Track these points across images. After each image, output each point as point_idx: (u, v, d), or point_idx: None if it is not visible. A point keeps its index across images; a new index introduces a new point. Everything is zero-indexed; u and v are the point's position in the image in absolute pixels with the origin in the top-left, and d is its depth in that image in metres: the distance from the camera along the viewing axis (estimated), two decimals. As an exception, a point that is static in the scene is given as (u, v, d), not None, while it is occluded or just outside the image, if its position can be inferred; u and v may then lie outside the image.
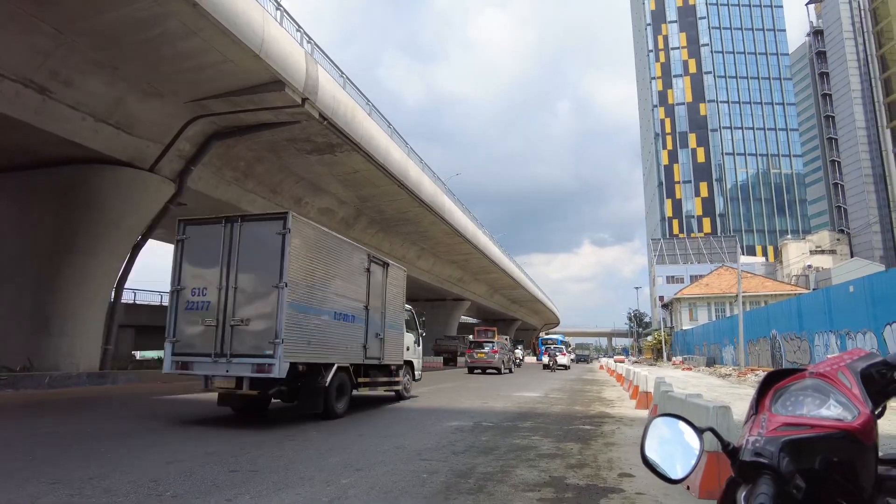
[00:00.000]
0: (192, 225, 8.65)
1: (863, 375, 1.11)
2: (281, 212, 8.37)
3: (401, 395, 12.58)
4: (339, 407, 9.40)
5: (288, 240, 7.97)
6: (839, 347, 19.21)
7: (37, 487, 4.35)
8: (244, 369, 7.93)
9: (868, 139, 77.11)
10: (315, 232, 9.05)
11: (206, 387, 8.54)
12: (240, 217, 8.47)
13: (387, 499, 4.24)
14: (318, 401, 8.84)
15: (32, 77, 11.75)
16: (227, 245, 8.28)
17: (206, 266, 8.39)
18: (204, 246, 8.46)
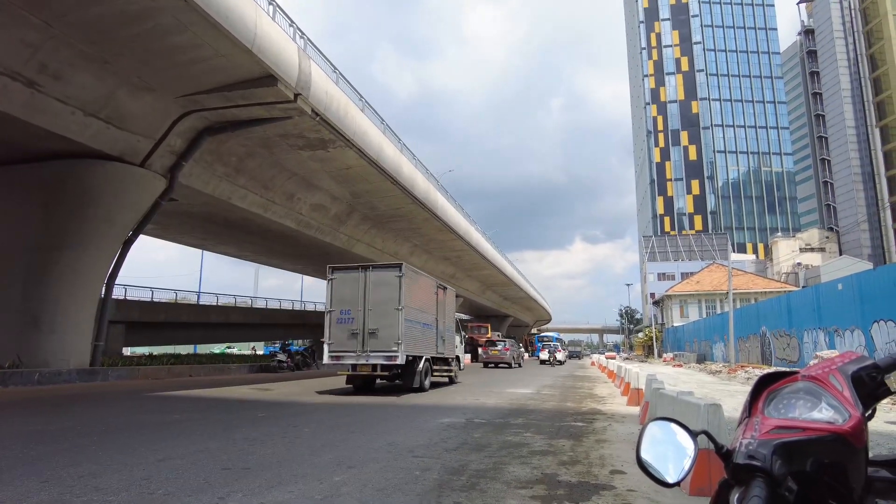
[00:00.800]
0: (339, 271, 13.65)
1: (853, 378, 1.13)
2: (397, 262, 13.65)
3: (452, 379, 17.14)
4: (426, 384, 14.16)
5: (402, 280, 12.95)
6: (827, 344, 19.41)
7: (27, 485, 4.32)
8: (378, 359, 12.82)
9: (857, 138, 77.81)
10: (414, 273, 14.16)
11: (353, 371, 13.35)
12: (370, 266, 13.58)
13: (380, 496, 4.24)
14: (415, 379, 13.54)
15: (21, 70, 11.61)
16: (362, 283, 13.18)
17: (349, 295, 13.22)
18: (347, 283, 13.34)
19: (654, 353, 58.21)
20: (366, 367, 12.94)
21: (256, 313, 44.54)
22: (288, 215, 21.98)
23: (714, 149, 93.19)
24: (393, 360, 12.70)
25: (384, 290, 12.97)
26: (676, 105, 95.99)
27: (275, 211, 21.15)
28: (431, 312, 15.10)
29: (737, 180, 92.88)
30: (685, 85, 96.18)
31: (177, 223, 23.36)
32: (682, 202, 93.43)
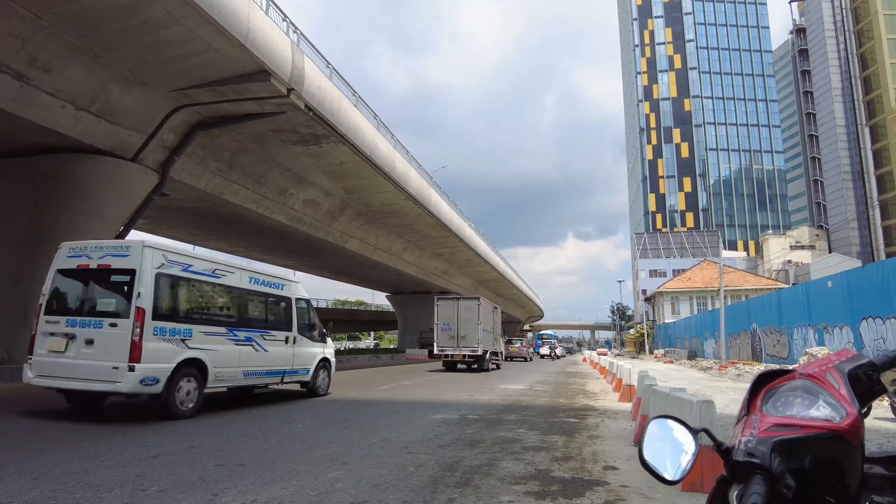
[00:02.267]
0: (442, 300, 23.28)
1: (850, 376, 1.14)
2: (477, 295, 23.30)
3: (499, 365, 26.59)
4: (490, 367, 23.20)
5: (479, 306, 22.52)
6: (817, 341, 19.59)
7: (18, 482, 4.29)
8: (466, 351, 21.87)
9: (847, 137, 78.44)
10: (485, 300, 23.61)
11: (449, 358, 22.35)
12: (461, 297, 23.43)
13: (374, 492, 4.25)
14: (485, 364, 22.38)
15: (10, 63, 11.46)
16: (456, 307, 22.69)
17: (448, 314, 22.58)
18: (447, 307, 22.88)
19: (645, 349, 58.54)
20: (458, 356, 22.36)
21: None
22: (280, 211, 21.89)
23: (706, 146, 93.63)
24: (475, 353, 22.10)
25: (469, 312, 22.63)
26: (669, 102, 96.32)
27: (267, 206, 21.05)
28: (490, 323, 24.29)
29: (728, 178, 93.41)
30: (678, 82, 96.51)
31: (168, 218, 23.20)
32: (674, 199, 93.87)
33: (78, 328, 7.76)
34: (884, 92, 66.47)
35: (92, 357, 7.55)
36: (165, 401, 7.83)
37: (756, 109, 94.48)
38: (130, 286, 7.70)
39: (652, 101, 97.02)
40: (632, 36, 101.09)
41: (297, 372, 11.01)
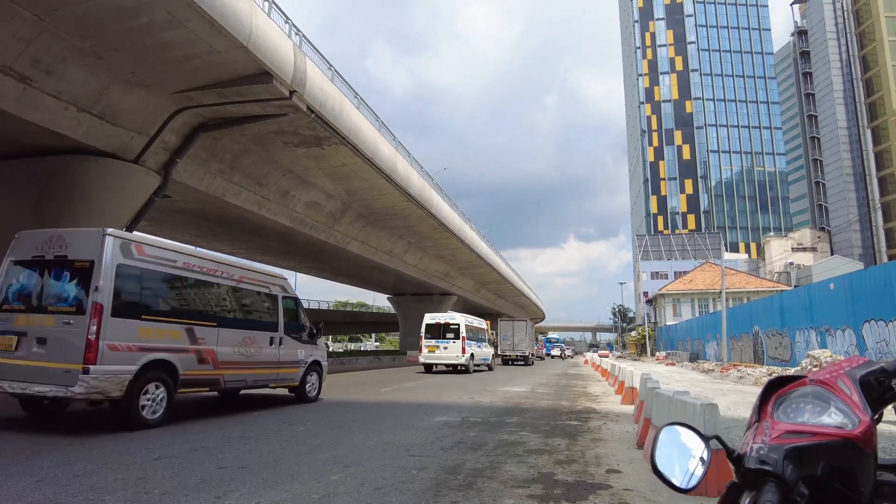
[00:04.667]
0: (503, 321, 37.02)
1: (861, 383, 1.13)
2: (526, 318, 40.44)
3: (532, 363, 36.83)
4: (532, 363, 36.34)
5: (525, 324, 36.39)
6: (819, 344, 19.55)
7: (21, 484, 4.29)
8: (518, 353, 35.03)
9: (849, 139, 78.38)
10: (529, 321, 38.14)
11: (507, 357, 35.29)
12: (515, 319, 37.91)
13: (377, 495, 4.24)
14: (528, 363, 35.44)
15: (12, 65, 11.48)
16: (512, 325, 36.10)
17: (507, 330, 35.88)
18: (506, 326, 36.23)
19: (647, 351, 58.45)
20: (513, 356, 34.60)
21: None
22: (282, 213, 21.89)
23: (707, 148, 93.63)
24: (523, 354, 34.64)
25: (518, 328, 35.37)
26: (670, 104, 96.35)
27: (269, 208, 21.05)
28: (531, 335, 36.77)
29: (730, 180, 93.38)
30: (679, 84, 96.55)
31: (170, 220, 23.21)
32: (675, 201, 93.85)
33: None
34: (885, 94, 66.43)
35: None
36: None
37: (757, 111, 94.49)
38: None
39: (653, 102, 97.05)
40: (633, 38, 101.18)
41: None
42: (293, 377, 10.55)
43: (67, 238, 7.43)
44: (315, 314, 53.10)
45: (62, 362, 6.67)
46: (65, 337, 6.78)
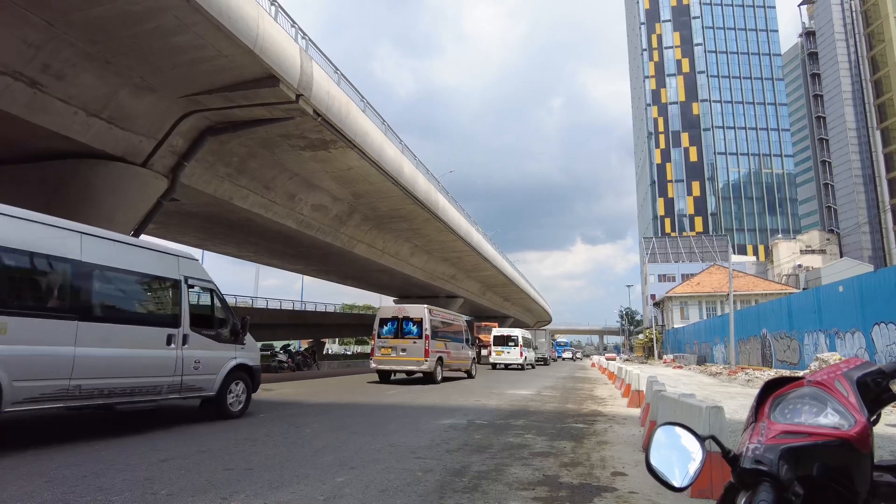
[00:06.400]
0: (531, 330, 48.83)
1: (858, 384, 1.14)
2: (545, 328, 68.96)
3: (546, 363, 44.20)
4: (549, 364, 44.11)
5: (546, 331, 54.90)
6: (828, 347, 19.41)
7: (30, 485, 4.33)
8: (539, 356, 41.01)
9: (858, 140, 77.80)
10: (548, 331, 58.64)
11: None
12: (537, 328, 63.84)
13: (382, 497, 4.25)
14: (548, 363, 44.44)
15: (23, 70, 11.62)
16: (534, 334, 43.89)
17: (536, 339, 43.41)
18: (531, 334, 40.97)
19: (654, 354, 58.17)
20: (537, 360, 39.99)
21: (256, 313, 44.57)
22: (289, 216, 21.99)
23: (715, 150, 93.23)
24: (543, 357, 43.13)
25: (541, 335, 47.08)
26: (677, 106, 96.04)
27: (276, 211, 21.15)
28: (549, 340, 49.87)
29: (737, 182, 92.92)
30: (686, 86, 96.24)
31: (178, 223, 23.37)
32: (682, 203, 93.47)
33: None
34: (895, 95, 65.93)
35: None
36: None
37: (765, 113, 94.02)
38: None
39: (660, 104, 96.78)
40: (640, 40, 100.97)
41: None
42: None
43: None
44: (322, 317, 53.15)
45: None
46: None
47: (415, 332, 17.64)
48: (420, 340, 17.43)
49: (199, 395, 8.38)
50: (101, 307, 7.02)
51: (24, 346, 5.88)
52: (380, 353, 17.89)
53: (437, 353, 17.97)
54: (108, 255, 7.30)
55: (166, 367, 7.67)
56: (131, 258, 7.68)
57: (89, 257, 6.90)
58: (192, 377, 8.10)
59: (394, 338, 17.83)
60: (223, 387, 8.62)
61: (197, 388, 8.23)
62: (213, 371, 8.49)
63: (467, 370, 21.50)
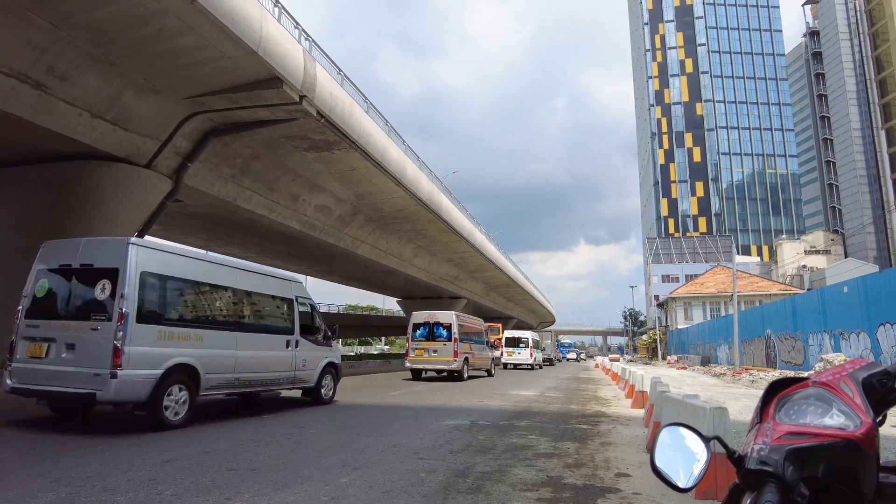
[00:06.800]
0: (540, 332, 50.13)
1: (864, 384, 1.13)
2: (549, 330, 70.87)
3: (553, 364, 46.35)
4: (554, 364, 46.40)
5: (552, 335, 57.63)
6: (833, 347, 19.33)
7: (36, 485, 4.35)
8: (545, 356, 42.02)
9: (863, 140, 77.54)
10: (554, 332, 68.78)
11: None
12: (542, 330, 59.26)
13: (386, 498, 4.25)
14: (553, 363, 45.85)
15: (28, 72, 11.67)
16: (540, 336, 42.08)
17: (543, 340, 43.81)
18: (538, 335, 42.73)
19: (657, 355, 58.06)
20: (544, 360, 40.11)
21: (260, 314, 44.55)
22: (293, 216, 22.03)
23: (718, 150, 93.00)
24: (549, 357, 44.08)
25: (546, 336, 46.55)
26: (681, 107, 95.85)
27: (280, 212, 21.20)
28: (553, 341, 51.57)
29: (741, 182, 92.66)
30: (689, 87, 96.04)
31: (181, 224, 23.43)
32: (686, 204, 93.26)
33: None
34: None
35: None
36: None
37: (769, 113, 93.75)
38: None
39: (663, 105, 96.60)
40: (643, 40, 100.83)
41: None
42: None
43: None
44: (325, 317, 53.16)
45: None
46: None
47: (444, 335, 19.57)
48: (449, 343, 19.37)
49: (304, 385, 10.68)
50: (249, 321, 9.41)
51: (211, 349, 8.24)
52: (414, 353, 19.85)
53: (463, 354, 19.84)
54: (251, 283, 9.64)
55: (287, 364, 10.05)
56: (264, 283, 9.99)
57: (242, 285, 9.30)
58: (301, 372, 10.43)
59: (426, 340, 19.73)
60: (319, 379, 10.95)
61: (303, 381, 10.57)
62: (313, 367, 10.82)
63: (487, 369, 23.46)
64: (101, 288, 7.22)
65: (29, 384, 7.24)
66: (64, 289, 7.71)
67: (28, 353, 7.31)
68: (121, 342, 6.88)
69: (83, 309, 7.37)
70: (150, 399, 7.20)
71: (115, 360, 6.83)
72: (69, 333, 7.23)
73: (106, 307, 7.11)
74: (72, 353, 7.09)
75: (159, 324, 7.51)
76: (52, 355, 7.14)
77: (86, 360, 6.99)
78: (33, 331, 7.46)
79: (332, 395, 11.46)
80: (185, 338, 7.87)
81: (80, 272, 7.54)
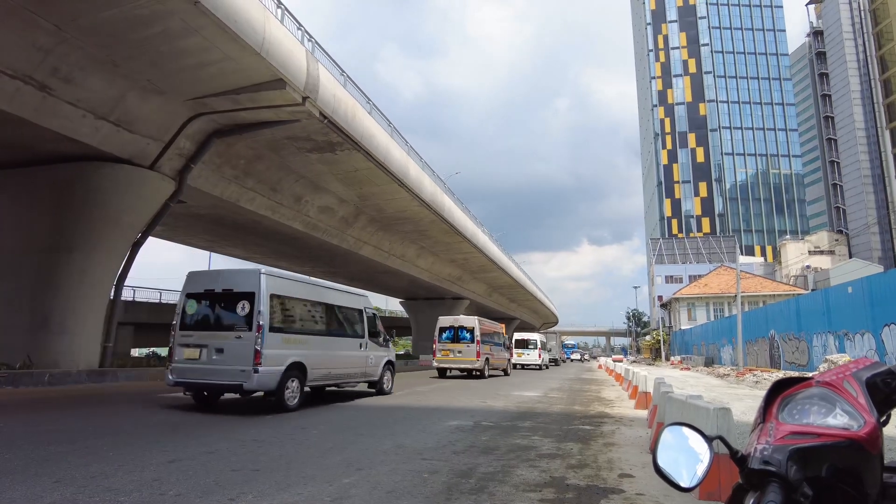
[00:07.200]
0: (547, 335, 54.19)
1: (868, 384, 1.13)
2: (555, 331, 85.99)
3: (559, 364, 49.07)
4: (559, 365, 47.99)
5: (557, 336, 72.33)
6: (837, 348, 19.26)
7: (40, 485, 4.36)
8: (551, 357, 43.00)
9: (867, 140, 77.25)
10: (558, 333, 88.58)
11: None
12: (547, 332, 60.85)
13: (389, 498, 4.25)
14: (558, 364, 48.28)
15: (32, 74, 11.73)
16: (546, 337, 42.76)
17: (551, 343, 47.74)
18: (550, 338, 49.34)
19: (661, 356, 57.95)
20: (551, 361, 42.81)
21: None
22: (296, 217, 22.07)
23: (722, 151, 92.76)
24: (554, 358, 45.45)
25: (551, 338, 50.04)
26: (684, 107, 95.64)
27: (283, 213, 21.24)
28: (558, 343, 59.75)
29: (745, 182, 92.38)
30: (692, 87, 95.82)
31: (185, 225, 23.50)
32: (689, 204, 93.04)
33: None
34: (904, 95, 65.38)
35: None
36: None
37: (773, 113, 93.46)
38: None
39: (666, 105, 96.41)
40: (646, 41, 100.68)
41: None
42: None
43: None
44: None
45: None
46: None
47: (468, 337, 21.56)
48: (472, 345, 21.36)
49: (370, 379, 12.79)
50: (336, 328, 11.70)
51: (312, 350, 10.44)
52: (440, 354, 21.92)
53: (485, 355, 21.83)
54: (336, 298, 11.93)
55: (361, 362, 12.34)
56: (344, 298, 12.27)
57: (330, 300, 11.65)
58: (369, 368, 12.65)
59: (451, 342, 21.74)
60: (381, 374, 13.10)
61: (370, 376, 12.71)
62: (377, 365, 12.99)
63: (504, 368, 25.55)
64: (242, 307, 9.38)
65: (187, 379, 9.46)
66: (209, 307, 9.87)
67: (185, 356, 9.49)
68: (260, 346, 9.03)
69: (228, 322, 9.49)
70: (277, 388, 9.38)
71: (255, 360, 8.98)
72: (217, 341, 9.36)
73: (246, 321, 9.25)
74: (221, 355, 9.24)
75: (282, 332, 9.70)
76: (204, 357, 9.33)
77: (233, 360, 9.12)
78: (187, 339, 9.58)
79: (390, 386, 13.59)
80: (297, 342, 10.09)
81: (222, 295, 9.71)
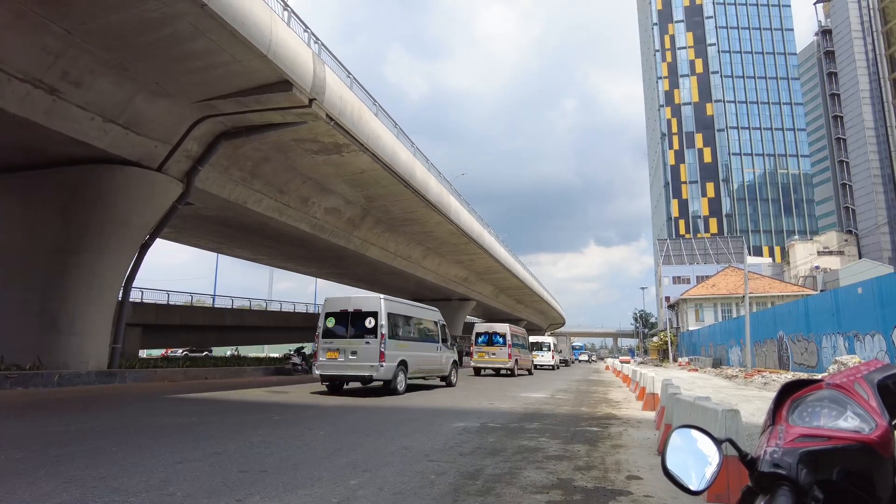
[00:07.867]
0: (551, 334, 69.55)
1: (879, 387, 1.12)
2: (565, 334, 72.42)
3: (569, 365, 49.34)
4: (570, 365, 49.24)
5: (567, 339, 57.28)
6: (847, 349, 19.11)
7: (49, 486, 4.39)
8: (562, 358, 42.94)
9: (877, 139, 76.63)
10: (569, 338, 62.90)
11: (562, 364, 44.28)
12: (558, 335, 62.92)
13: (396, 500, 4.25)
14: (568, 365, 48.30)
15: (42, 77, 11.84)
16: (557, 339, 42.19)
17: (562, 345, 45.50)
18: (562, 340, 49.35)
19: (669, 357, 57.69)
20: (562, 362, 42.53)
21: (271, 316, 44.87)
22: (303, 219, 22.14)
23: (729, 151, 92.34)
24: (565, 359, 45.64)
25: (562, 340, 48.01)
26: (691, 107, 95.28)
27: (290, 215, 21.31)
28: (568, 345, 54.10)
29: (752, 183, 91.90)
30: (699, 87, 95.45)
31: (192, 227, 23.62)
32: (696, 205, 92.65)
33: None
34: (914, 93, 64.83)
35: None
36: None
37: (780, 113, 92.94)
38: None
39: (673, 105, 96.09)
40: (652, 41, 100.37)
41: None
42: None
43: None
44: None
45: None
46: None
47: (500, 341, 25.00)
48: (504, 348, 24.78)
49: (442, 374, 16.89)
50: (420, 335, 15.69)
51: (411, 352, 14.56)
52: (477, 356, 25.44)
53: (514, 357, 25.16)
54: (422, 314, 16.12)
55: (438, 361, 16.54)
56: (428, 314, 16.55)
57: (418, 315, 15.92)
58: (443, 366, 16.79)
59: (486, 346, 25.23)
60: (450, 371, 17.13)
61: (442, 372, 16.86)
62: (447, 363, 17.05)
63: (528, 369, 28.84)
64: (369, 321, 13.35)
65: (328, 373, 13.52)
66: (344, 322, 13.70)
67: (327, 356, 13.46)
68: (383, 349, 13.07)
69: (359, 332, 13.35)
70: (392, 379, 13.38)
71: (380, 359, 13.02)
72: (351, 346, 13.31)
73: (372, 331, 13.23)
74: (354, 356, 13.23)
75: (395, 339, 13.72)
76: (342, 358, 13.35)
77: (364, 359, 13.10)
78: (328, 344, 13.55)
79: (455, 380, 17.51)
80: (403, 346, 14.13)
81: (354, 314, 13.58)
